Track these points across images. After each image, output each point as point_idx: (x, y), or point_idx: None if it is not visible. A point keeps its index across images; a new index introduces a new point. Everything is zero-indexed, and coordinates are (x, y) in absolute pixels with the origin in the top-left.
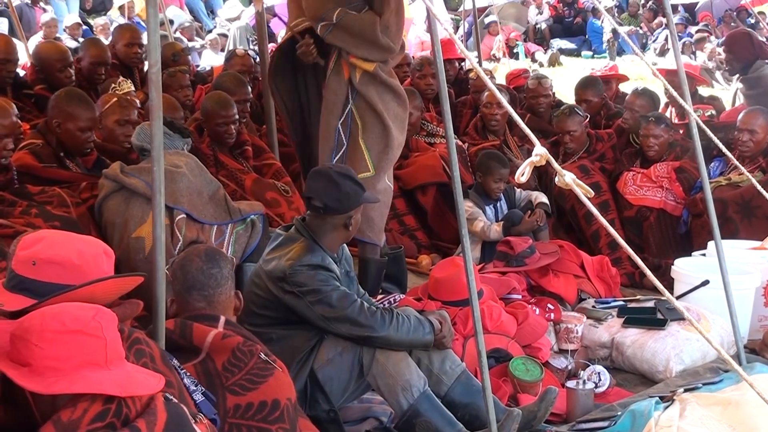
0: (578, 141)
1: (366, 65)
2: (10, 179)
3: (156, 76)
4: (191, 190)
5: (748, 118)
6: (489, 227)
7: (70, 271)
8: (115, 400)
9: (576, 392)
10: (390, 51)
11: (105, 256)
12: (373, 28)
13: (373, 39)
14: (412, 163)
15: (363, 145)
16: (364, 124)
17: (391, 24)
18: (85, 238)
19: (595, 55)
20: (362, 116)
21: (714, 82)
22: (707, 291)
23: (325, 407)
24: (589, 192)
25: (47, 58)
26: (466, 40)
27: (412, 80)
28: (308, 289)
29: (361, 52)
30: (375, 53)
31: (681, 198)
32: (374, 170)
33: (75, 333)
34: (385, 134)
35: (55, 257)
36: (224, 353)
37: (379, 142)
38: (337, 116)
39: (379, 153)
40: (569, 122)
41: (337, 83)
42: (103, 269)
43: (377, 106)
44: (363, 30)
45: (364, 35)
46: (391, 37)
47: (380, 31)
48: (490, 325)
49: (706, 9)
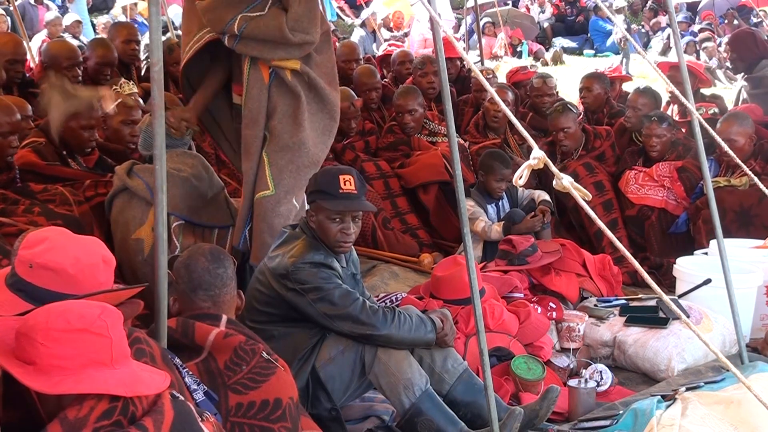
0: (573, 138)
1: (290, 64)
2: (12, 177)
3: (158, 74)
4: (193, 194)
5: (727, 127)
6: (490, 227)
7: (64, 279)
8: (122, 399)
9: (578, 391)
10: (308, 44)
11: (103, 264)
12: (280, 29)
13: (283, 40)
14: (414, 162)
15: (265, 158)
16: (273, 134)
17: (302, 15)
18: (86, 244)
19: (598, 54)
20: (272, 123)
21: (716, 81)
22: (709, 290)
23: (327, 405)
24: (587, 195)
25: (56, 56)
26: (468, 39)
27: (414, 78)
28: (310, 287)
29: (278, 55)
30: (293, 52)
31: (682, 198)
32: (274, 189)
33: (81, 332)
34: (295, 148)
35: (51, 263)
36: (226, 352)
37: (283, 157)
38: (262, 127)
39: (281, 169)
40: (563, 119)
41: (258, 90)
42: (99, 280)
43: (298, 116)
44: (269, 34)
45: (273, 39)
46: (305, 29)
47: (289, 29)
48: (492, 323)
49: (708, 8)
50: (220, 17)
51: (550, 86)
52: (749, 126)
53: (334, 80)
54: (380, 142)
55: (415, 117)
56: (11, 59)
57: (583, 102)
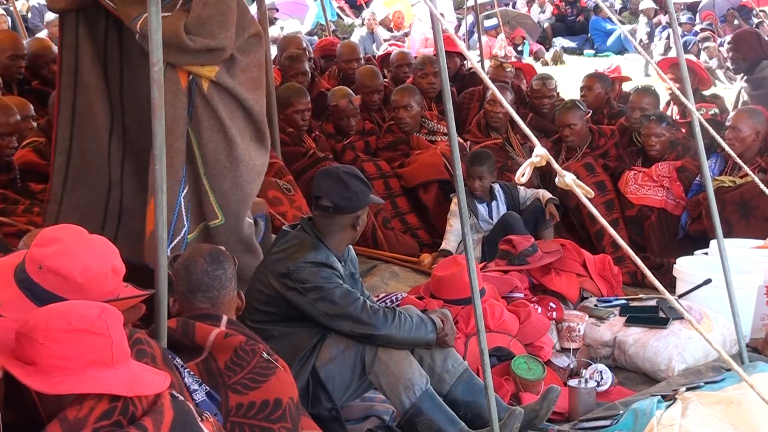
0: (579, 135)
1: (205, 71)
2: (12, 178)
3: (158, 74)
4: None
5: (736, 117)
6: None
7: (72, 286)
8: (122, 399)
9: (578, 391)
10: (217, 50)
11: (112, 273)
12: (176, 33)
13: (180, 45)
14: (413, 161)
15: (206, 183)
16: (204, 152)
17: (208, 18)
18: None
19: (598, 54)
20: (202, 142)
21: (716, 81)
22: (709, 290)
23: (327, 405)
24: (590, 192)
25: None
26: (468, 39)
27: (414, 79)
28: (311, 286)
29: (185, 60)
30: (202, 57)
31: (681, 198)
32: (223, 217)
33: (81, 332)
34: (234, 168)
35: (60, 269)
36: (226, 352)
37: (224, 181)
38: (178, 136)
39: (225, 194)
40: (569, 115)
41: (173, 95)
42: (107, 289)
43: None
44: (166, 37)
45: (170, 43)
46: (211, 33)
47: (189, 33)
48: (492, 323)
49: (708, 8)
50: (127, 13)
51: (550, 88)
52: (760, 122)
53: (260, 85)
54: (380, 142)
55: (411, 113)
56: (11, 54)
57: (584, 101)
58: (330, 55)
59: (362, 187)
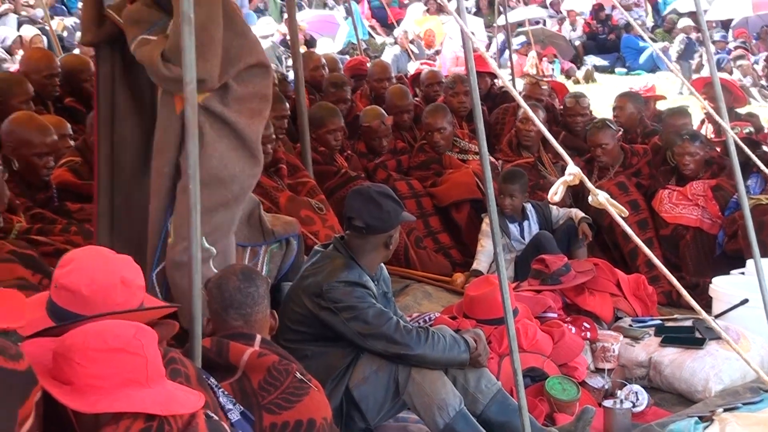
0: (611, 155)
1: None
2: (50, 197)
3: (191, 94)
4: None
5: None
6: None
7: (80, 300)
8: (157, 418)
9: (613, 412)
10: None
11: (121, 285)
12: (152, 60)
13: (156, 73)
14: (445, 180)
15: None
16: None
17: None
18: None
19: (630, 72)
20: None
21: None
22: (746, 310)
23: (361, 426)
24: (623, 211)
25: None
26: (499, 57)
27: (445, 98)
28: (344, 306)
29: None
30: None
31: (716, 216)
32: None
33: (117, 351)
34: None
35: (70, 284)
36: (260, 372)
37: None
38: (168, 162)
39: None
40: (601, 135)
41: (167, 118)
42: (116, 301)
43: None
44: (145, 63)
45: (149, 71)
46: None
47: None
48: (526, 343)
49: (741, 26)
50: (129, 33)
51: (583, 106)
52: None
53: (258, 115)
54: (412, 161)
55: (445, 135)
56: (47, 74)
57: (616, 121)
58: (359, 74)
59: (394, 206)
